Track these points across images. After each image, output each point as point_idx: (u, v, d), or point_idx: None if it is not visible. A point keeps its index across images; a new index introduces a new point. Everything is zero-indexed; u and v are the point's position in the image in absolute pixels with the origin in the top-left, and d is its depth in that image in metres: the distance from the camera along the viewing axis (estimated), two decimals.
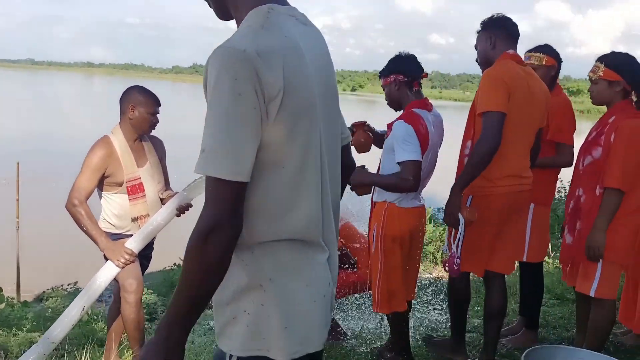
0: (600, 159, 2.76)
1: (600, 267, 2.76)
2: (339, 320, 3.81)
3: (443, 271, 5.82)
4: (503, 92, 2.62)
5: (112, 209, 3.14)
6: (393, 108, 3.01)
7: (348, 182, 1.63)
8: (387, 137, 2.87)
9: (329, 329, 1.41)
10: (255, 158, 1.15)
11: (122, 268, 2.99)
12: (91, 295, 2.95)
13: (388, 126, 2.89)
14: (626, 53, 2.87)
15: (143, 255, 3.18)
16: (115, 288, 3.33)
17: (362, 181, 2.89)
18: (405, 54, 2.96)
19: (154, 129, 3.23)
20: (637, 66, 2.80)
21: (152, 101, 3.13)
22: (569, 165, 3.13)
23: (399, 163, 2.73)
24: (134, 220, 3.15)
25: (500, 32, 2.84)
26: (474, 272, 2.99)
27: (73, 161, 3.88)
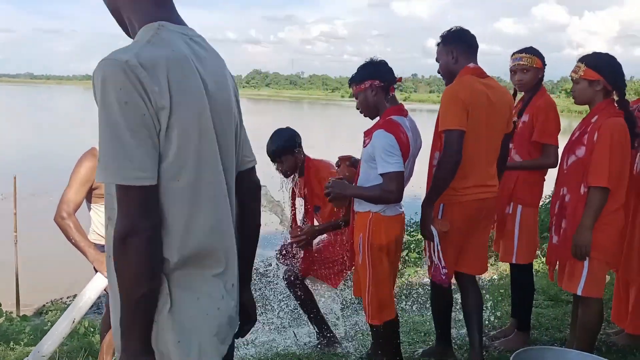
0: (584, 158, 2.78)
1: (586, 266, 2.77)
2: (333, 327, 3.81)
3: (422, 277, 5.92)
4: (461, 110, 2.75)
5: (101, 220, 3.15)
6: (368, 116, 2.94)
7: (256, 205, 1.64)
8: (366, 146, 2.82)
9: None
10: (156, 163, 1.18)
11: None
12: (81, 307, 2.96)
13: (366, 134, 2.86)
14: (607, 53, 2.90)
15: None
16: (107, 299, 3.34)
17: (343, 193, 2.88)
18: (376, 60, 2.91)
19: None
20: (617, 66, 2.82)
21: None
22: (554, 165, 3.14)
23: (382, 175, 2.69)
24: None
25: (461, 46, 2.93)
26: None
27: None
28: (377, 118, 2.90)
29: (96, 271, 3.02)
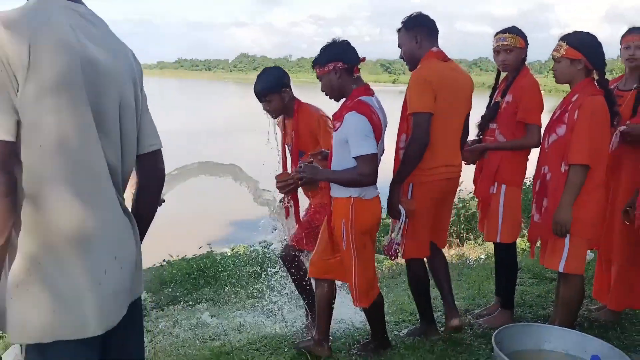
0: (564, 136, 2.80)
1: (567, 243, 2.80)
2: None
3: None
4: (429, 93, 2.87)
5: None
6: (333, 98, 2.88)
7: (152, 189, 1.67)
8: (337, 130, 2.75)
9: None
10: (13, 120, 1.25)
11: None
12: None
13: (335, 117, 2.81)
14: (588, 32, 2.90)
15: None
16: None
17: (315, 178, 2.85)
18: (339, 40, 2.83)
19: None
20: (598, 45, 2.83)
21: None
22: (538, 145, 3.16)
23: (356, 158, 2.65)
24: None
25: (423, 30, 3.03)
26: (420, 256, 3.18)
27: None
28: (342, 100, 2.85)
29: None
